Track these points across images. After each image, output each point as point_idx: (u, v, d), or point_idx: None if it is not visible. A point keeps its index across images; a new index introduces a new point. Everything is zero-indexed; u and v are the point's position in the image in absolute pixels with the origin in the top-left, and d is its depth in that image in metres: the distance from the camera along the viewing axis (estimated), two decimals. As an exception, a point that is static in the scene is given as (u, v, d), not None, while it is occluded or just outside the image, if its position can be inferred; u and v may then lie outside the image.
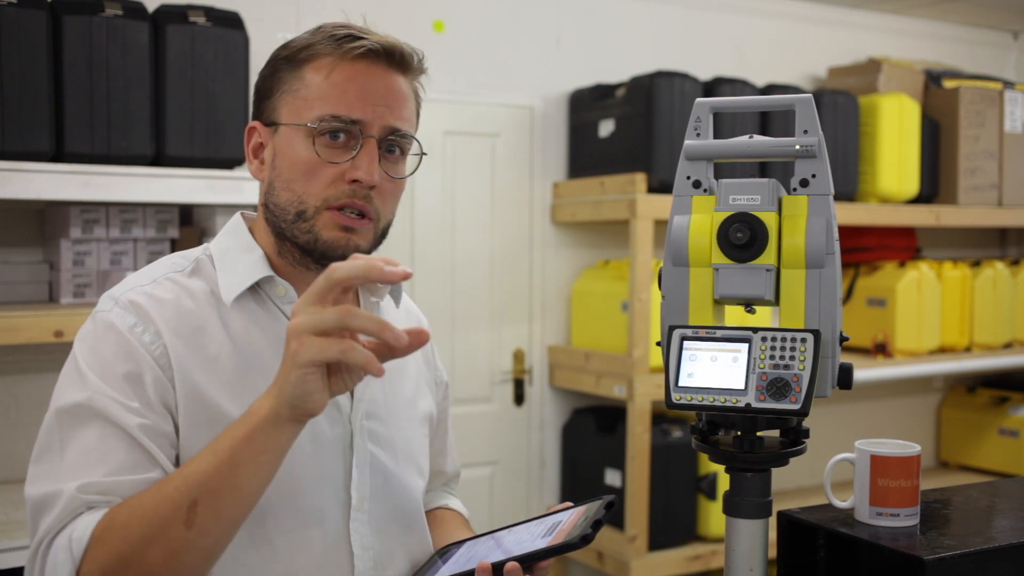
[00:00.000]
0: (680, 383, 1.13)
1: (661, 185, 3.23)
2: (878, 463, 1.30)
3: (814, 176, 1.15)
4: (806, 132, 1.16)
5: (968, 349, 4.00)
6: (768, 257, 1.14)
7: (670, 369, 1.14)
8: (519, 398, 3.60)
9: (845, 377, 1.16)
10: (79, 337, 1.19)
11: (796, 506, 1.38)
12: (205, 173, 2.51)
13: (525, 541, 1.16)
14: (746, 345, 1.12)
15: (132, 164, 2.46)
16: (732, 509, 1.16)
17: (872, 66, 3.93)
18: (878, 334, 3.78)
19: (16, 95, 2.31)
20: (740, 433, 1.14)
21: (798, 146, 1.15)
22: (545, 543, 1.13)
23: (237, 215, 1.32)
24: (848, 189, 3.65)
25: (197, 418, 1.16)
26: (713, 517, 3.40)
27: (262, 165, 1.26)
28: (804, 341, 1.10)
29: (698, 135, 1.21)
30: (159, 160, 2.52)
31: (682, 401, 1.12)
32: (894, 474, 1.30)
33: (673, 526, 3.36)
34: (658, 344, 1.20)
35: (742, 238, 1.14)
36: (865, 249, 4.00)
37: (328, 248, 1.20)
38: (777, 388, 1.09)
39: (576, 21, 3.65)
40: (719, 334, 1.14)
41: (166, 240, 2.67)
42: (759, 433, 1.14)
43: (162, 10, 2.56)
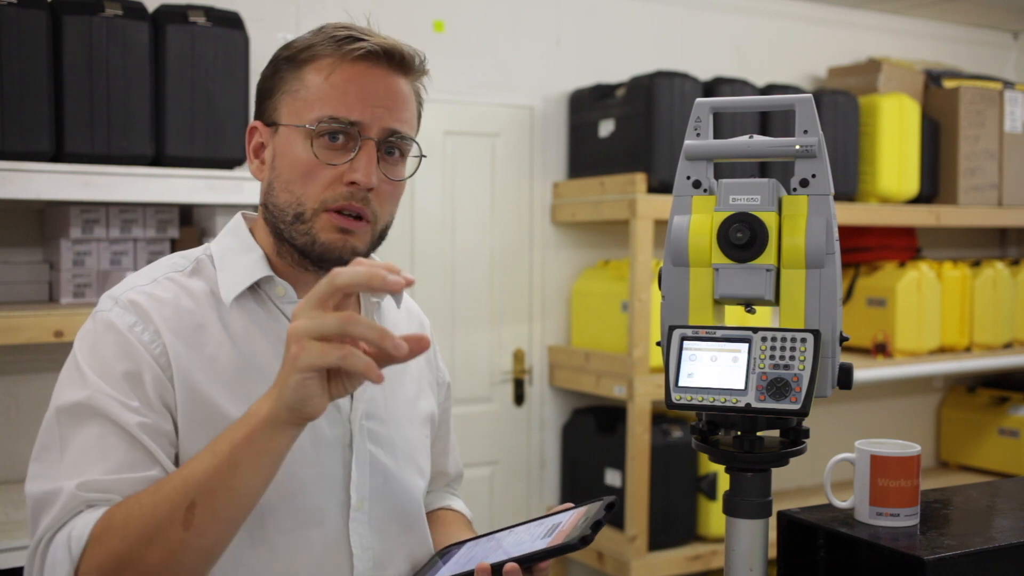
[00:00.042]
0: (680, 383, 1.13)
1: (661, 185, 3.23)
2: (878, 463, 1.30)
3: (814, 176, 1.15)
4: (806, 132, 1.16)
5: (968, 349, 3.99)
6: (768, 257, 1.14)
7: (670, 369, 1.14)
8: (519, 398, 3.60)
9: (845, 377, 1.16)
10: (79, 336, 1.19)
11: (796, 506, 1.38)
12: (205, 173, 2.51)
13: (525, 542, 1.16)
14: (746, 345, 1.12)
15: (132, 164, 2.46)
16: (732, 509, 1.16)
17: (872, 66, 3.93)
18: (878, 334, 3.78)
19: (16, 95, 2.31)
20: (740, 433, 1.13)
21: (798, 146, 1.15)
22: (544, 544, 1.13)
23: (238, 215, 1.32)
24: (848, 189, 3.65)
25: (196, 417, 1.16)
26: (713, 517, 3.40)
27: (262, 165, 1.26)
28: (804, 341, 1.10)
29: (698, 135, 1.21)
30: (159, 160, 2.52)
31: (682, 401, 1.12)
32: (894, 474, 1.30)
33: (673, 526, 3.36)
34: (658, 344, 1.20)
35: (742, 238, 1.14)
36: (865, 249, 4.00)
37: (325, 250, 1.20)
38: (777, 388, 1.09)
39: (576, 21, 3.65)
40: (719, 334, 1.14)
41: (166, 240, 2.67)
42: (759, 433, 1.14)
43: (162, 10, 2.56)
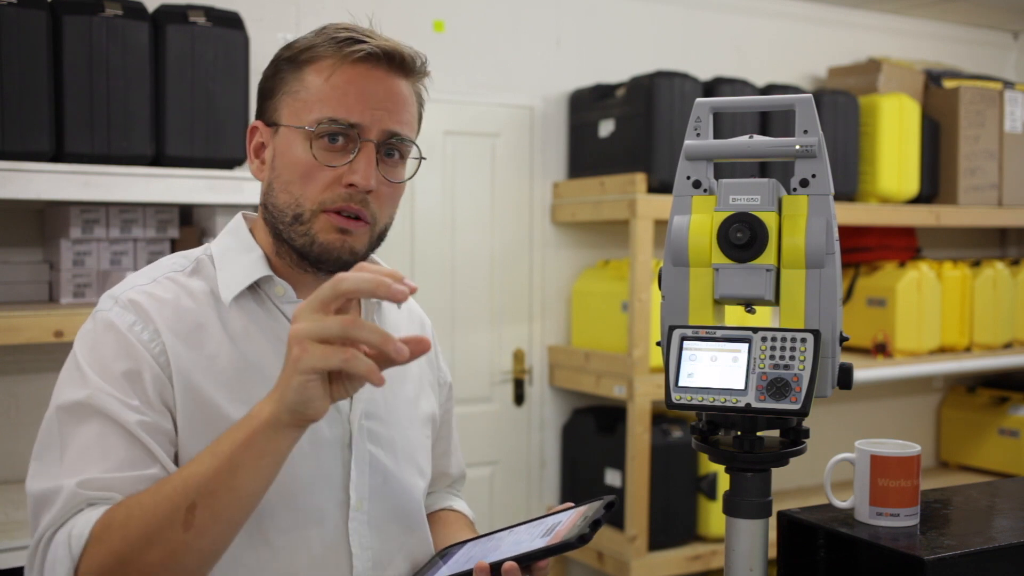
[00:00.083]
0: (680, 383, 1.13)
1: (661, 185, 3.23)
2: (878, 463, 1.30)
3: (814, 176, 1.15)
4: (806, 132, 1.16)
5: (968, 349, 3.99)
6: (768, 257, 1.14)
7: (670, 369, 1.14)
8: (519, 398, 3.60)
9: (845, 377, 1.16)
10: (79, 336, 1.19)
11: (796, 506, 1.38)
12: (205, 173, 2.51)
13: (524, 541, 1.16)
14: (746, 345, 1.12)
15: (132, 164, 2.46)
16: (732, 509, 1.16)
17: (872, 66, 3.93)
18: (878, 334, 3.78)
19: (16, 95, 2.31)
20: (740, 433, 1.13)
21: (798, 146, 1.15)
22: (543, 543, 1.13)
23: (238, 215, 1.32)
24: (848, 189, 3.65)
25: (195, 416, 1.16)
26: (713, 517, 3.40)
27: (263, 165, 1.26)
28: (804, 341, 1.10)
29: (698, 135, 1.21)
30: (159, 160, 2.52)
31: (682, 401, 1.12)
32: (894, 474, 1.30)
33: (673, 526, 3.36)
34: (658, 344, 1.20)
35: (742, 238, 1.14)
36: (865, 249, 4.00)
37: (324, 250, 1.20)
38: (777, 388, 1.09)
39: (576, 21, 3.65)
40: (719, 334, 1.14)
41: (166, 240, 2.67)
42: (759, 433, 1.14)
43: (162, 10, 2.56)
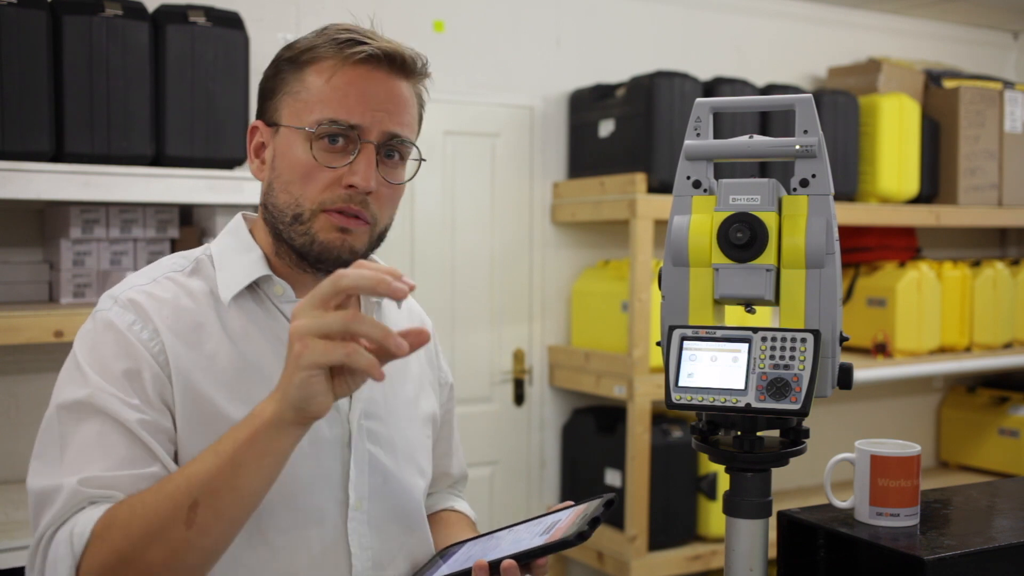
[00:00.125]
0: (680, 383, 1.13)
1: (661, 185, 3.23)
2: (878, 463, 1.30)
3: (814, 176, 1.15)
4: (806, 132, 1.16)
5: (968, 349, 3.99)
6: (768, 257, 1.14)
7: (670, 369, 1.14)
8: (519, 398, 3.60)
9: (845, 377, 1.16)
10: (79, 336, 1.20)
11: (796, 506, 1.38)
12: (205, 173, 2.51)
13: (524, 539, 1.16)
14: (746, 345, 1.12)
15: (132, 164, 2.46)
16: (732, 509, 1.16)
17: (872, 66, 3.93)
18: (878, 334, 3.78)
19: (16, 95, 2.31)
20: (740, 433, 1.13)
21: (798, 146, 1.15)
22: (542, 541, 1.13)
23: (238, 215, 1.32)
24: (848, 189, 3.65)
25: (194, 415, 1.16)
26: (713, 517, 3.40)
27: (263, 165, 1.26)
28: (804, 341, 1.10)
29: (698, 135, 1.21)
30: (159, 160, 2.52)
31: (682, 401, 1.12)
32: (894, 474, 1.30)
33: (673, 526, 3.36)
34: (658, 344, 1.20)
35: (742, 238, 1.14)
36: (865, 249, 4.00)
37: (324, 249, 1.21)
38: (777, 388, 1.09)
39: (576, 21, 3.65)
40: (719, 334, 1.14)
41: (166, 240, 2.67)
42: (759, 433, 1.14)
43: (162, 10, 2.56)
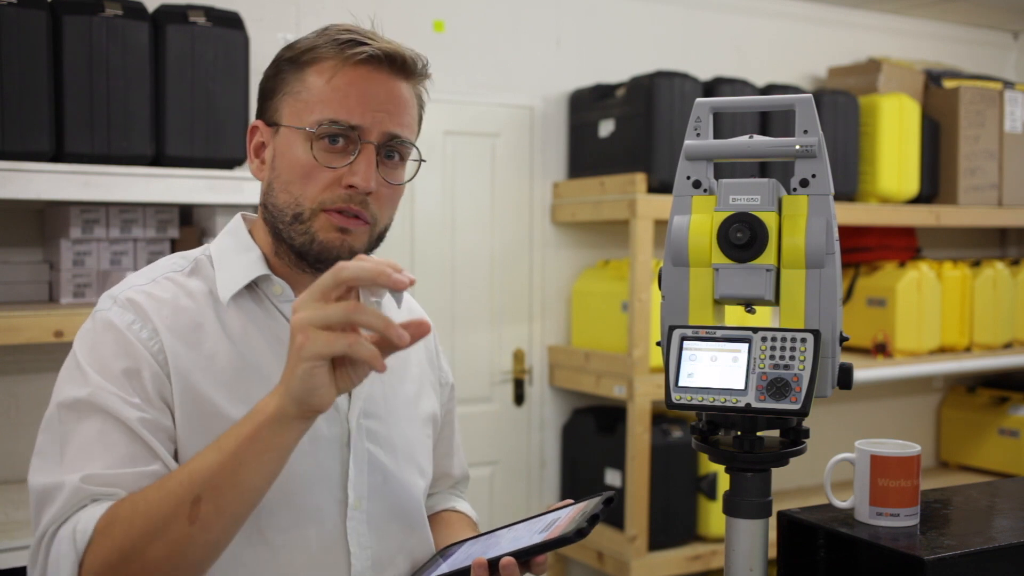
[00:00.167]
0: (680, 383, 1.13)
1: (661, 185, 3.23)
2: (878, 463, 1.30)
3: (814, 176, 1.15)
4: (806, 132, 1.16)
5: (968, 349, 3.99)
6: (768, 257, 1.14)
7: (670, 369, 1.14)
8: (519, 398, 3.60)
9: (845, 377, 1.16)
10: (79, 336, 1.20)
11: (796, 506, 1.38)
12: (205, 173, 2.51)
13: (523, 537, 1.16)
14: (746, 345, 1.12)
15: (132, 164, 2.46)
16: (732, 509, 1.16)
17: (872, 66, 3.92)
18: (878, 334, 3.78)
19: (16, 95, 2.31)
20: (740, 433, 1.13)
21: (798, 146, 1.15)
22: (541, 538, 1.13)
23: (237, 216, 1.33)
24: (848, 189, 3.65)
25: (193, 415, 1.16)
26: (713, 517, 3.40)
27: (263, 165, 1.26)
28: (804, 341, 1.10)
29: (698, 135, 1.21)
30: (159, 160, 2.52)
31: (682, 401, 1.12)
32: (894, 474, 1.30)
33: (673, 526, 3.36)
34: (658, 344, 1.20)
35: (742, 238, 1.14)
36: (865, 249, 3.99)
37: (323, 249, 1.21)
38: (777, 388, 1.09)
39: (576, 21, 3.65)
40: (719, 334, 1.14)
41: (166, 240, 2.67)
42: (759, 433, 1.14)
43: (162, 10, 2.56)
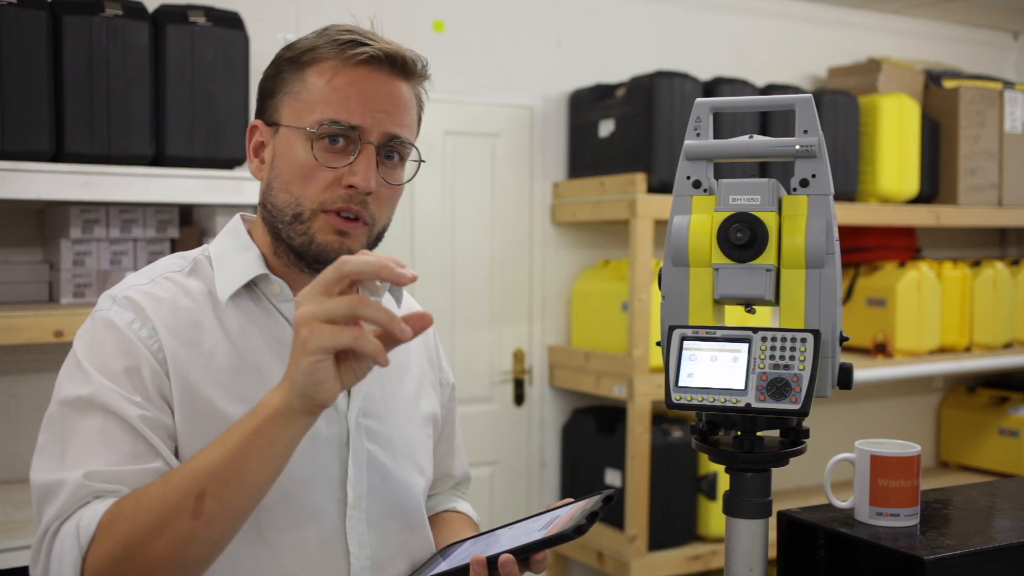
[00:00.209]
0: (680, 383, 1.13)
1: (661, 185, 3.23)
2: (878, 463, 1.30)
3: (814, 176, 1.15)
4: (806, 132, 1.15)
5: (968, 349, 3.99)
6: (768, 257, 1.14)
7: (670, 369, 1.14)
8: (519, 398, 3.60)
9: (845, 377, 1.16)
10: (79, 335, 1.20)
11: (796, 506, 1.38)
12: (205, 173, 2.51)
13: (523, 535, 1.17)
14: (746, 345, 1.12)
15: (132, 164, 2.46)
16: (732, 509, 1.16)
17: (872, 66, 3.92)
18: (878, 334, 3.78)
19: (16, 95, 2.31)
20: (740, 433, 1.13)
21: (798, 146, 1.15)
22: (540, 535, 1.13)
23: (236, 216, 1.33)
24: (848, 189, 3.65)
25: (192, 414, 1.17)
26: (713, 517, 3.40)
27: (262, 164, 1.27)
28: (804, 341, 1.10)
29: (698, 135, 1.21)
30: (159, 160, 2.52)
31: (682, 401, 1.12)
32: (894, 474, 1.30)
33: (673, 526, 3.36)
34: (658, 344, 1.20)
35: (742, 238, 1.14)
36: (865, 249, 3.99)
37: (322, 251, 1.21)
38: (777, 388, 1.09)
39: (576, 21, 3.65)
40: (719, 334, 1.14)
41: (166, 240, 2.67)
42: (759, 433, 1.14)
43: (162, 10, 2.56)
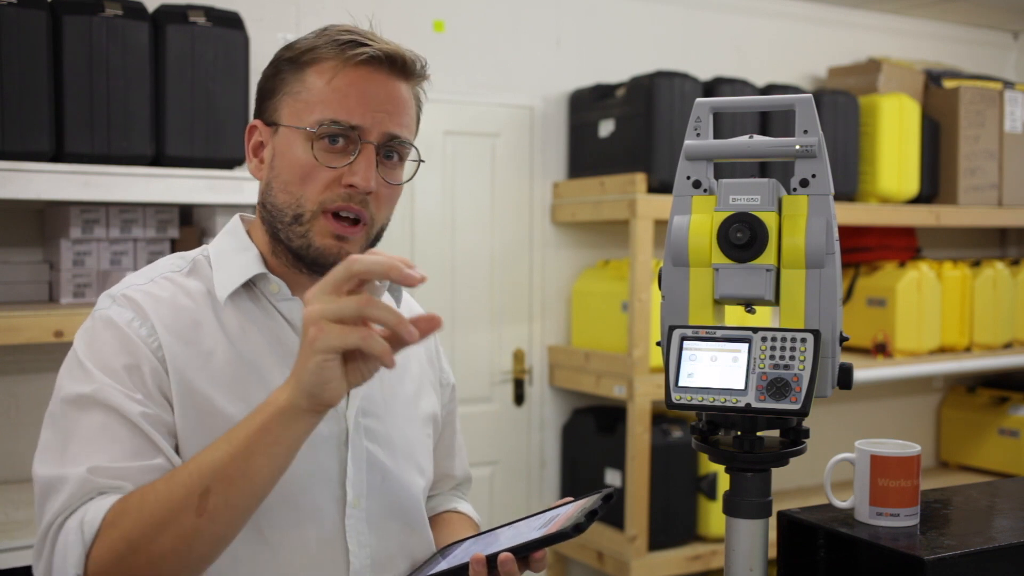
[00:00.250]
0: (680, 383, 1.13)
1: (661, 185, 3.23)
2: (878, 463, 1.30)
3: (814, 176, 1.15)
4: (806, 132, 1.16)
5: (968, 349, 3.99)
6: (768, 257, 1.14)
7: (670, 369, 1.14)
8: (519, 398, 3.60)
9: (845, 377, 1.16)
10: (78, 334, 1.20)
11: (796, 506, 1.38)
12: (205, 173, 2.51)
13: (522, 534, 1.17)
14: (746, 345, 1.12)
15: (132, 164, 2.46)
16: (732, 509, 1.16)
17: (872, 66, 3.92)
18: (878, 334, 3.78)
19: (16, 95, 2.31)
20: (740, 433, 1.13)
21: (798, 146, 1.15)
22: (539, 534, 1.13)
23: (236, 217, 1.33)
24: (848, 189, 3.65)
25: (191, 412, 1.17)
26: (713, 517, 3.40)
27: (261, 164, 1.27)
28: (804, 341, 1.10)
29: (698, 135, 1.21)
30: (159, 160, 2.52)
31: (682, 401, 1.12)
32: (894, 474, 1.30)
33: (673, 526, 3.36)
34: (658, 344, 1.20)
35: (742, 238, 1.14)
36: (865, 249, 3.99)
37: (320, 255, 1.21)
38: (777, 388, 1.09)
39: (576, 21, 3.65)
40: (719, 334, 1.14)
41: (166, 240, 2.67)
42: (759, 433, 1.14)
43: (162, 10, 2.56)
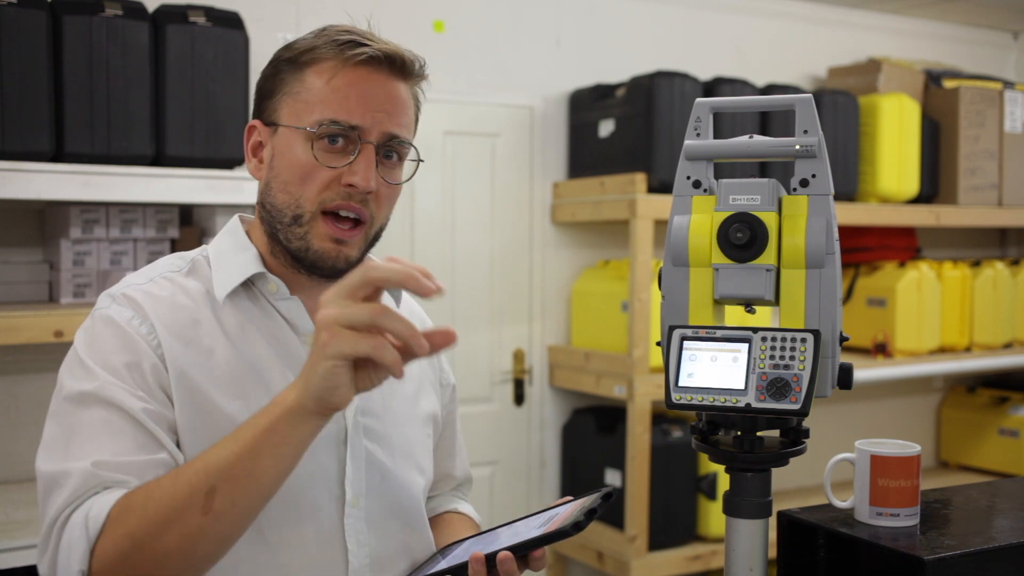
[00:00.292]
0: (680, 383, 1.13)
1: (661, 185, 3.23)
2: (878, 463, 1.30)
3: (814, 176, 1.15)
4: (806, 132, 1.16)
5: (968, 349, 3.99)
6: (768, 257, 1.14)
7: (670, 369, 1.14)
8: (519, 398, 3.60)
9: (845, 377, 1.16)
10: (79, 333, 1.21)
11: (796, 506, 1.38)
12: (205, 173, 2.51)
13: (522, 533, 1.17)
14: (746, 345, 1.12)
15: (132, 164, 2.46)
16: (732, 509, 1.16)
17: (872, 66, 3.92)
18: (878, 334, 3.78)
19: (16, 95, 2.31)
20: (740, 433, 1.14)
21: (798, 146, 1.15)
22: (539, 532, 1.13)
23: (235, 217, 1.34)
24: (848, 189, 3.65)
25: (190, 410, 1.17)
26: (713, 517, 3.40)
27: (260, 164, 1.27)
28: (804, 341, 1.10)
29: (698, 135, 1.21)
30: (159, 160, 2.52)
31: (682, 401, 1.12)
32: (894, 474, 1.30)
33: (673, 526, 3.36)
34: (658, 344, 1.21)
35: (742, 238, 1.14)
36: (865, 249, 3.99)
37: (318, 258, 1.22)
38: (777, 388, 1.09)
39: (576, 21, 3.65)
40: (719, 334, 1.14)
41: (166, 240, 2.67)
42: (759, 433, 1.14)
43: (162, 10, 2.56)
